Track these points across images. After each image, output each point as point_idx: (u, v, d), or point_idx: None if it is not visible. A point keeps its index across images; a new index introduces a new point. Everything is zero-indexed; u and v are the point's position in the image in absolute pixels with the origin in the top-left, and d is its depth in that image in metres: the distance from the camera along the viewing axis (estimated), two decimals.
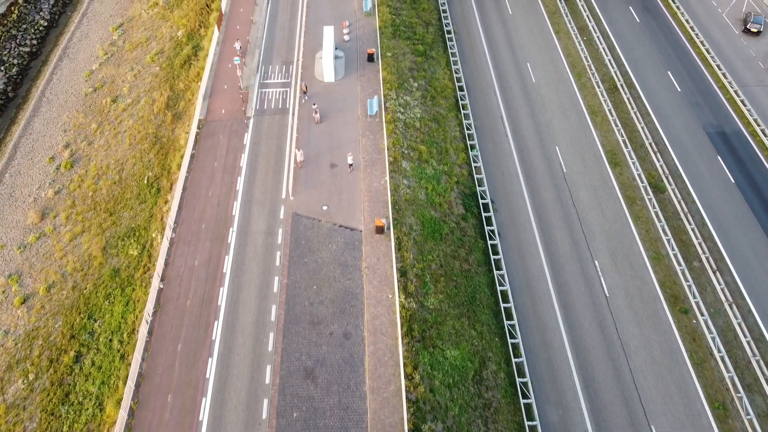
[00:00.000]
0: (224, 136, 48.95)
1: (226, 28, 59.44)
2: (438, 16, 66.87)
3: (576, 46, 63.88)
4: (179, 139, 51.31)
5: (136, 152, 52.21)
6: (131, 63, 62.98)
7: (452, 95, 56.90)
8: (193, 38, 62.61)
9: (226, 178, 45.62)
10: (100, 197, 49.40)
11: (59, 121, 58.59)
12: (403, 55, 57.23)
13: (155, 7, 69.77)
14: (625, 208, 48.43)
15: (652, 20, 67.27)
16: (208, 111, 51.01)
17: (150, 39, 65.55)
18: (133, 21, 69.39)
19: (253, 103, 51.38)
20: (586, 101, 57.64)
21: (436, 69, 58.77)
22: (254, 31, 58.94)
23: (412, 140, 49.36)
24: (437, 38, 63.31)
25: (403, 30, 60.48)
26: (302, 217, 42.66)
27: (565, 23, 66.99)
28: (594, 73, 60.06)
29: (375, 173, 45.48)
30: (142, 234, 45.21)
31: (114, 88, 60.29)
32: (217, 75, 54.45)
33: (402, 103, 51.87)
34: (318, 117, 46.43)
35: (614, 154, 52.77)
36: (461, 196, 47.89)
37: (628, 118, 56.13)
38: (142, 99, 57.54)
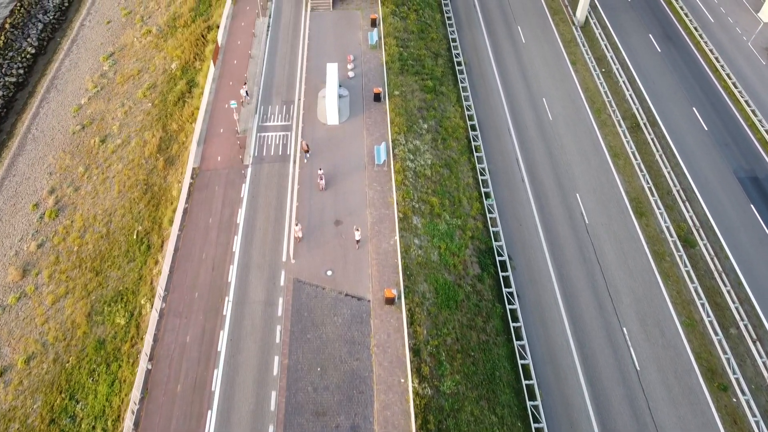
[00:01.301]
0: (220, 187, 45.25)
1: (222, 63, 55.71)
2: (447, 46, 63.16)
3: (594, 79, 60.18)
4: (171, 189, 47.60)
5: (125, 201, 48.50)
6: (122, 98, 59.27)
7: (464, 135, 53.22)
8: (188, 71, 58.88)
9: (221, 237, 41.92)
10: (85, 253, 45.70)
11: (45, 162, 54.93)
12: (412, 93, 53.52)
13: (148, 35, 66.05)
14: (654, 265, 44.75)
15: (674, 49, 63.56)
16: (202, 159, 47.31)
17: (142, 71, 61.83)
18: (124, 50, 65.67)
19: (251, 149, 47.69)
20: (607, 141, 53.94)
21: (446, 106, 55.08)
22: (252, 66, 55.22)
23: (423, 191, 45.67)
24: (447, 71, 59.61)
25: (411, 64, 56.78)
26: (304, 284, 38.96)
27: (582, 53, 63.28)
28: (615, 110, 56.37)
29: (384, 232, 41.79)
30: (131, 299, 41.51)
31: (103, 126, 56.58)
32: (213, 116, 50.76)
33: (411, 149, 48.19)
34: (323, 183, 42.70)
35: (639, 203, 49.08)
36: (476, 253, 44.22)
37: (653, 160, 52.44)
38: (132, 140, 53.84)
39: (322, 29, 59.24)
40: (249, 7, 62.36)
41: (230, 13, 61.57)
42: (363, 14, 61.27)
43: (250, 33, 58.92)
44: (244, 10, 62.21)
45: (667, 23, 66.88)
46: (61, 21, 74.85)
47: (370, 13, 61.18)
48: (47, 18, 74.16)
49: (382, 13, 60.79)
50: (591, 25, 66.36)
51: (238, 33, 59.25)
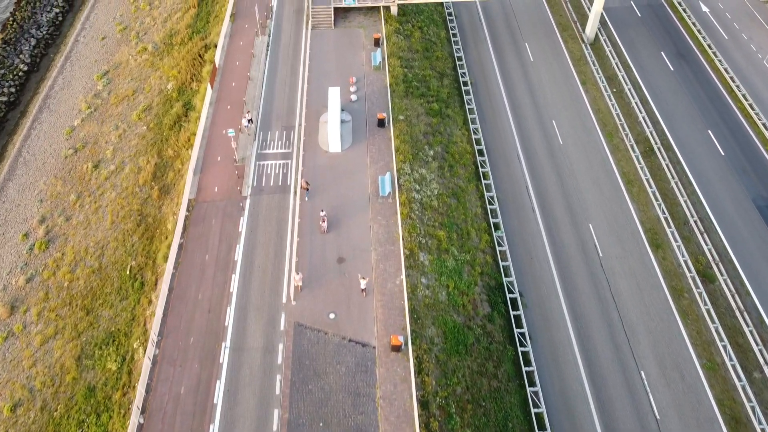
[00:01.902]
0: (217, 220, 43.16)
1: (220, 85, 53.62)
2: (453, 65, 61.07)
3: (605, 100, 58.09)
4: (166, 221, 45.54)
5: (118, 233, 46.43)
6: (116, 120, 57.19)
7: (471, 161, 51.15)
8: (184, 93, 56.80)
9: (218, 276, 39.83)
10: (76, 289, 43.63)
11: (35, 188, 52.89)
12: (417, 117, 51.44)
13: (144, 53, 63.96)
14: (672, 302, 42.67)
15: (687, 68, 61.47)
16: (198, 189, 45.23)
17: (137, 91, 59.75)
18: (119, 68, 63.59)
19: (250, 179, 45.61)
20: (620, 167, 51.86)
21: (453, 130, 53.01)
22: (251, 88, 53.13)
23: (430, 224, 43.59)
24: (453, 91, 57.53)
25: (416, 85, 54.69)
26: (306, 329, 36.87)
27: (592, 71, 61.20)
28: (627, 134, 54.29)
29: (389, 270, 39.70)
30: (123, 342, 39.44)
31: (96, 151, 54.51)
32: (210, 143, 48.68)
33: (417, 178, 46.12)
34: (325, 226, 40.56)
35: (655, 234, 47.00)
36: (486, 290, 42.14)
37: (668, 188, 50.35)
38: (126, 166, 51.76)
39: (324, 49, 57.17)
40: (248, 25, 60.30)
41: (228, 32, 59.50)
42: (366, 32, 59.21)
43: (248, 53, 56.83)
44: (243, 28, 60.14)
45: (680, 40, 64.81)
46: (55, 36, 72.81)
47: (373, 32, 59.12)
48: (40, 33, 72.11)
49: (386, 31, 58.72)
50: (601, 42, 64.28)
51: (236, 53, 57.16)
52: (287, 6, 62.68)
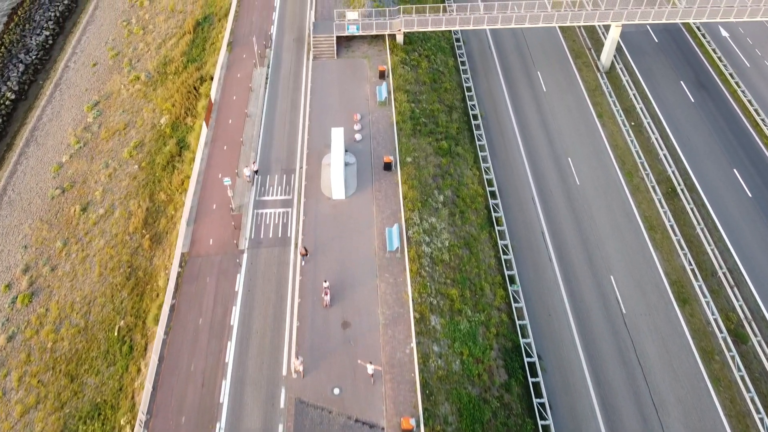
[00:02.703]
0: (212, 278, 40.03)
1: (216, 123, 50.48)
2: (462, 96, 57.97)
3: (623, 134, 54.99)
4: (158, 276, 42.42)
5: (106, 287, 43.32)
6: (106, 157, 54.07)
7: (483, 205, 48.06)
8: (178, 128, 53.70)
9: (212, 344, 36.69)
10: (60, 352, 40.51)
11: (20, 232, 49.77)
12: (426, 158, 48.33)
13: (136, 82, 60.84)
14: (702, 366, 39.55)
15: (709, 100, 58.35)
16: (192, 242, 42.09)
17: (129, 125, 56.62)
18: (110, 99, 60.45)
19: (247, 231, 42.48)
20: (641, 211, 48.75)
21: (463, 170, 49.91)
22: (249, 127, 50.00)
23: (441, 281, 40.47)
24: (462, 126, 54.44)
25: (424, 122, 51.58)
26: (308, 407, 33.73)
27: (609, 103, 58.09)
28: (648, 173, 51.19)
29: (398, 337, 36.57)
30: (109, 416, 36.32)
31: (85, 192, 51.38)
32: (205, 189, 45.54)
33: (427, 229, 43.00)
34: (328, 299, 37.39)
35: (681, 287, 43.91)
36: (502, 353, 39.03)
37: (693, 234, 47.25)
38: (116, 209, 48.64)
39: (326, 81, 54.04)
40: (246, 55, 57.17)
41: (225, 63, 56.36)
42: (370, 63, 56.08)
43: (246, 86, 53.69)
44: (240, 58, 57.02)
45: (700, 68, 61.69)
46: (45, 61, 69.69)
47: (378, 62, 55.99)
48: (29, 58, 69.00)
49: (391, 62, 55.59)
50: (617, 71, 61.17)
51: (233, 86, 54.02)
52: (287, 34, 59.58)
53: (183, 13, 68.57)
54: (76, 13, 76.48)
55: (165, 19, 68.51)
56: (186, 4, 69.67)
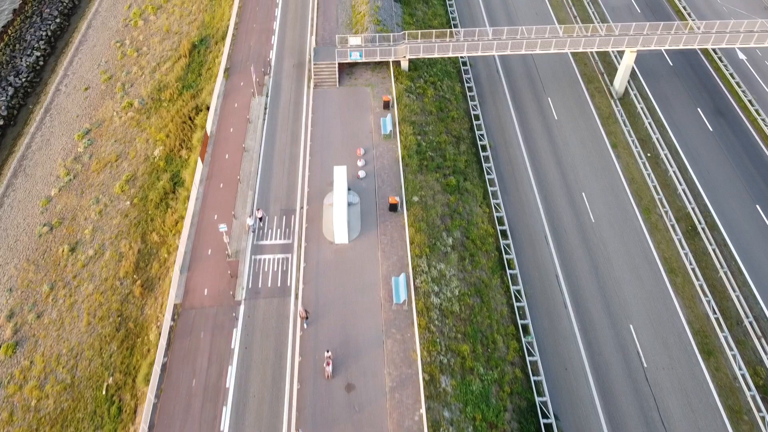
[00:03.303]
0: (206, 333, 37.46)
1: (211, 158, 47.89)
2: (470, 125, 55.41)
3: (639, 166, 52.46)
4: (149, 328, 39.86)
5: (94, 338, 40.75)
6: (97, 191, 51.50)
7: (494, 246, 45.51)
8: (173, 162, 51.13)
9: (206, 409, 34.11)
10: (44, 411, 37.93)
11: (6, 273, 47.18)
12: (433, 197, 45.78)
13: (129, 109, 58.24)
14: (729, 427, 37.03)
15: (728, 128, 55.79)
16: (186, 292, 39.50)
17: (121, 156, 54.06)
18: (102, 127, 57.86)
19: (244, 279, 39.92)
20: (660, 252, 46.21)
21: (472, 207, 47.37)
22: (247, 162, 47.45)
23: (452, 336, 37.92)
24: (471, 158, 51.88)
25: (431, 156, 49.02)
26: None
27: (623, 132, 55.53)
28: (667, 210, 48.65)
29: (406, 402, 34.01)
30: None
31: (74, 229, 48.81)
32: (200, 231, 42.97)
33: (436, 277, 40.43)
34: (330, 370, 34.77)
35: (705, 336, 41.37)
36: (517, 415, 36.48)
37: (716, 278, 44.71)
38: (106, 250, 46.08)
39: (328, 112, 51.48)
40: (243, 83, 54.60)
41: (222, 91, 53.79)
42: (373, 91, 53.53)
43: (244, 117, 51.12)
44: (238, 86, 54.44)
45: (717, 94, 59.14)
46: (35, 84, 67.10)
47: (382, 90, 53.44)
48: (19, 81, 66.42)
49: (396, 90, 53.04)
50: (631, 97, 58.61)
51: (230, 117, 51.43)
52: (287, 59, 57.01)
53: (179, 34, 66.04)
54: (68, 33, 73.91)
55: (160, 41, 65.96)
56: (182, 24, 67.14)
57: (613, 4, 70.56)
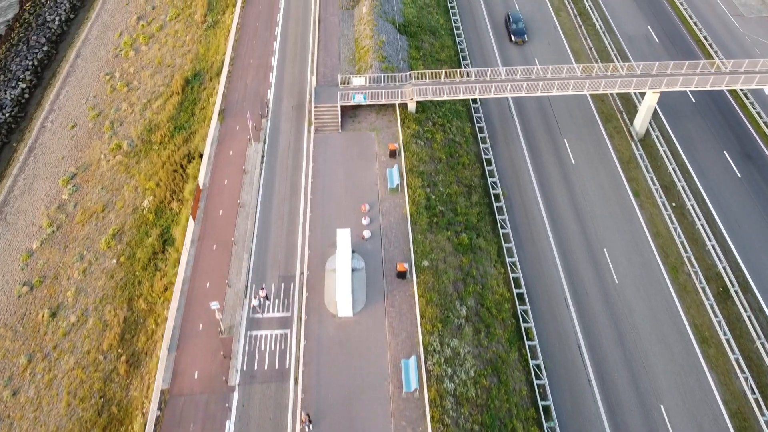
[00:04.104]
0: (196, 425, 33.83)
1: (204, 215, 44.26)
2: (481, 171, 51.78)
3: (664, 218, 48.85)
4: (134, 414, 36.25)
5: (74, 423, 37.14)
6: (81, 246, 47.89)
7: (511, 313, 41.91)
8: (162, 215, 47.54)
9: None
10: None
11: None
12: (445, 260, 42.15)
13: (117, 151, 54.63)
14: None
15: (757, 174, 52.20)
16: (174, 374, 35.87)
17: (108, 206, 50.44)
18: (89, 171, 54.24)
19: (238, 360, 36.29)
20: (690, 317, 42.61)
21: (486, 268, 43.78)
22: (242, 220, 43.83)
23: (468, 428, 34.28)
24: (483, 210, 48.28)
25: (441, 211, 45.43)
26: None
27: (645, 178, 51.90)
28: (696, 270, 45.05)
29: None
30: None
31: (55, 290, 45.21)
32: (190, 301, 39.34)
33: (449, 357, 36.82)
34: None
35: (744, 420, 37.77)
36: None
37: (753, 350, 41.12)
38: (90, 317, 42.48)
39: (330, 161, 47.88)
40: (239, 127, 51.01)
41: (216, 136, 50.15)
42: (379, 137, 49.93)
43: (239, 167, 47.50)
44: (233, 131, 50.82)
45: (745, 136, 55.54)
46: (19, 119, 63.50)
47: (388, 135, 49.87)
48: (3, 116, 62.82)
49: (403, 136, 49.43)
50: (652, 138, 55.02)
51: (224, 167, 47.81)
52: (286, 100, 53.40)
53: (171, 67, 62.41)
54: (56, 62, 70.29)
55: (151, 74, 62.34)
56: (174, 56, 63.53)
57: (630, 33, 66.98)
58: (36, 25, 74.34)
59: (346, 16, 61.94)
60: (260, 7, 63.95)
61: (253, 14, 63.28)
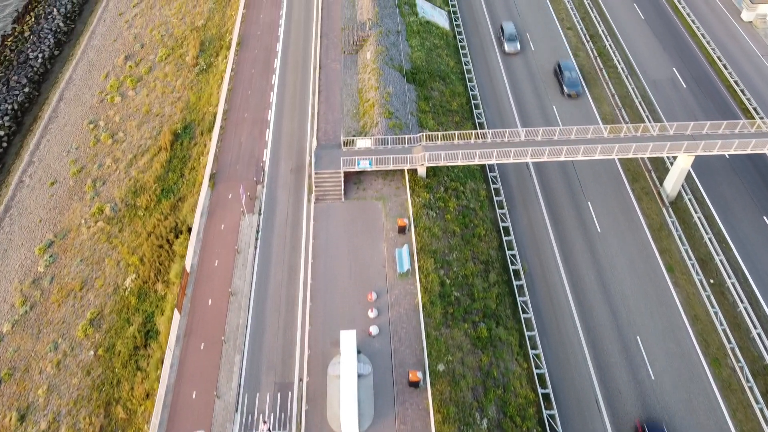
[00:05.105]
0: None
1: (191, 305, 39.50)
2: (498, 242, 47.07)
3: (702, 300, 44.09)
4: None
5: None
6: (56, 332, 43.17)
7: (536, 420, 37.23)
8: (146, 299, 42.82)
9: None
10: None
11: None
12: (462, 362, 37.40)
13: (99, 216, 49.90)
14: None
15: None
16: None
17: (87, 283, 45.72)
18: (67, 239, 49.52)
19: None
20: (737, 422, 37.91)
21: (507, 364, 39.06)
22: (233, 312, 39.09)
23: None
24: (502, 290, 43.58)
25: (456, 297, 40.69)
26: None
27: (679, 250, 47.15)
28: (741, 364, 40.32)
29: None
30: None
31: (26, 387, 40.48)
32: (174, 415, 34.58)
33: None
34: None
35: None
36: None
37: None
38: (62, 424, 37.79)
39: (332, 237, 43.14)
40: (232, 195, 46.27)
41: (206, 207, 45.41)
42: (386, 207, 45.20)
43: (231, 245, 42.74)
44: (225, 199, 46.07)
45: None
46: None
47: (396, 205, 45.13)
48: None
49: (413, 207, 44.69)
50: (685, 202, 50.30)
51: (215, 245, 43.05)
52: (283, 162, 48.67)
53: (159, 116, 57.67)
54: (38, 104, 65.62)
55: (138, 125, 57.60)
56: (164, 104, 58.80)
57: (654, 77, 62.26)
58: (17, 63, 69.65)
59: (348, 61, 57.22)
60: (256, 51, 59.23)
61: (249, 59, 58.56)
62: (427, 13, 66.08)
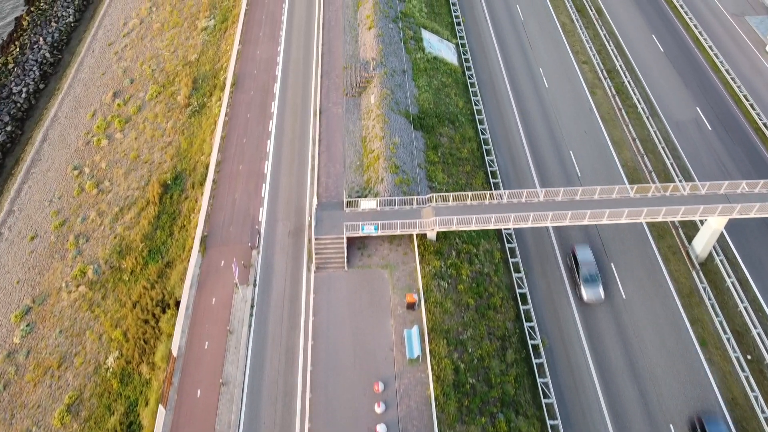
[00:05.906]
0: None
1: (178, 397, 35.58)
2: (515, 312, 43.18)
3: (740, 381, 40.23)
4: None
5: None
6: (30, 419, 39.31)
7: None
8: (129, 382, 38.93)
9: None
10: None
11: None
12: None
13: (81, 279, 46.05)
14: None
15: None
16: None
17: (66, 359, 41.86)
18: (46, 305, 45.64)
19: None
20: None
21: None
22: (225, 406, 35.14)
23: None
24: (521, 370, 39.72)
25: (472, 386, 36.82)
26: None
27: (712, 320, 43.30)
28: None
29: None
30: None
31: None
32: None
33: None
34: None
35: None
36: None
37: None
38: None
39: (334, 313, 39.24)
40: (224, 262, 42.37)
41: (196, 277, 41.50)
42: (393, 277, 41.31)
43: (223, 325, 38.82)
44: (217, 267, 42.19)
45: None
46: None
47: (403, 275, 41.29)
48: None
49: (423, 278, 40.83)
50: (716, 263, 46.45)
51: (205, 323, 39.15)
52: (281, 223, 44.77)
53: (148, 164, 53.77)
54: (20, 145, 61.76)
55: (125, 173, 53.70)
56: (153, 149, 54.90)
57: (677, 118, 58.40)
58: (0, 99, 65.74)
59: (351, 105, 53.33)
60: (252, 92, 55.33)
61: (244, 101, 54.65)
62: (434, 48, 62.18)
